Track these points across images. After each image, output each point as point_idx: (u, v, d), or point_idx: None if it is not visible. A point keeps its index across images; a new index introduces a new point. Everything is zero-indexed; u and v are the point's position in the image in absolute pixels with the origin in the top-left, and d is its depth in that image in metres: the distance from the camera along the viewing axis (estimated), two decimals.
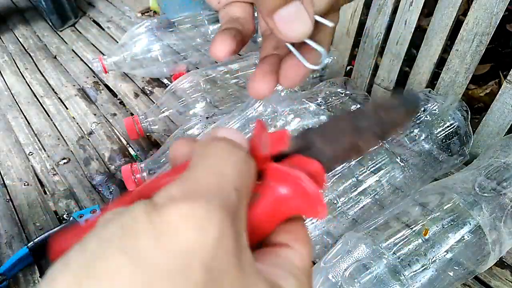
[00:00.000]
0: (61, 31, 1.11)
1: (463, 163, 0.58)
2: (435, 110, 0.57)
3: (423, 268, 0.40)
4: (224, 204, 0.12)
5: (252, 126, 0.54)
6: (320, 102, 0.64)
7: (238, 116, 0.58)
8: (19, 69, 0.96)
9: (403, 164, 0.52)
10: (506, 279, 0.50)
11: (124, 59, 0.83)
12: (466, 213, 0.43)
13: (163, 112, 0.69)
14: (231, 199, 0.12)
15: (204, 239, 0.11)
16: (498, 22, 0.56)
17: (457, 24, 0.61)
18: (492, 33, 0.57)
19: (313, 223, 0.47)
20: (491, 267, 0.50)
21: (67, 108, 0.84)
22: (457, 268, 0.41)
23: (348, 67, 0.82)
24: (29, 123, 0.80)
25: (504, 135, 0.60)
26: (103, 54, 0.93)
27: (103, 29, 1.10)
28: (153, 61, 0.83)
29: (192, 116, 0.68)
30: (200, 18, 0.87)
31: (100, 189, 0.65)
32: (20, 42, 1.07)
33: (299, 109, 0.52)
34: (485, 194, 0.45)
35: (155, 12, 1.13)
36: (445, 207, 0.44)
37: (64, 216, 0.61)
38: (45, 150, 0.73)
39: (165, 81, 0.88)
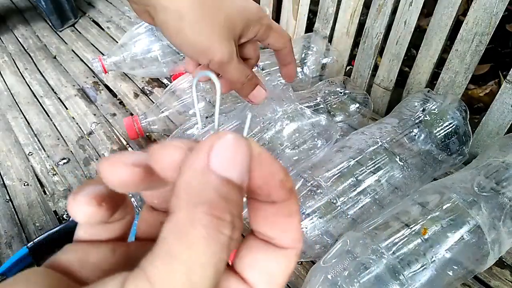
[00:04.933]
0: (60, 31, 1.11)
1: (463, 162, 0.58)
2: (434, 110, 0.57)
3: (422, 267, 0.40)
4: None
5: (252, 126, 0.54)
6: (319, 101, 0.64)
7: (236, 116, 0.58)
8: (18, 69, 0.96)
9: (402, 163, 0.52)
10: (506, 279, 0.50)
11: (124, 59, 0.83)
12: (465, 213, 0.43)
13: (163, 112, 0.69)
14: None
15: None
16: (498, 22, 0.56)
17: (457, 24, 0.61)
18: (492, 33, 0.57)
19: (313, 222, 0.47)
20: (490, 267, 0.50)
21: (66, 108, 0.84)
22: (456, 267, 0.41)
23: (348, 67, 0.82)
24: (28, 123, 0.80)
25: (504, 135, 0.60)
26: (103, 54, 0.93)
27: (103, 29, 1.10)
28: (153, 61, 0.83)
29: (192, 115, 0.68)
30: None
31: None
32: (20, 42, 1.07)
33: (294, 111, 0.53)
34: (484, 194, 0.45)
35: None
36: (444, 207, 0.44)
37: (64, 216, 0.61)
38: (44, 150, 0.73)
39: (165, 81, 0.88)
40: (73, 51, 1.02)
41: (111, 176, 0.15)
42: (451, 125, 0.56)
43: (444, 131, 0.55)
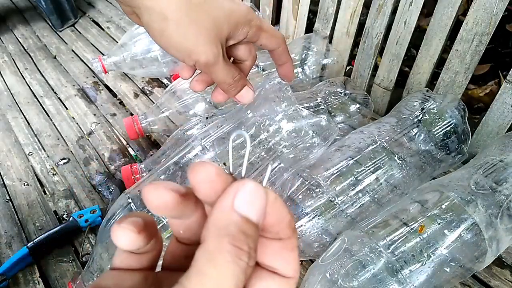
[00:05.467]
0: (60, 31, 1.11)
1: (462, 162, 0.58)
2: (433, 109, 0.57)
3: (420, 265, 0.40)
4: None
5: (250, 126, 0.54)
6: (320, 102, 0.64)
7: (236, 116, 0.58)
8: (18, 69, 0.96)
9: (401, 162, 0.52)
10: (506, 279, 0.50)
11: (124, 59, 0.83)
12: (462, 210, 0.43)
13: (163, 112, 0.69)
14: None
15: None
16: (497, 22, 0.56)
17: (457, 24, 0.61)
18: (492, 33, 0.57)
19: (311, 221, 0.47)
20: (490, 267, 0.50)
21: (66, 108, 0.84)
22: (453, 264, 0.41)
23: (348, 67, 0.82)
24: (28, 123, 0.80)
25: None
26: (103, 54, 0.93)
27: (103, 29, 1.10)
28: (153, 61, 0.83)
29: (192, 116, 0.68)
30: None
31: (100, 189, 0.65)
32: (20, 42, 1.08)
33: (292, 111, 0.53)
34: (481, 191, 0.45)
35: None
36: (441, 205, 0.44)
37: (64, 216, 0.61)
38: (44, 150, 0.73)
39: (165, 81, 0.88)
40: (73, 51, 1.02)
41: (154, 197, 0.17)
42: (449, 124, 0.56)
43: (443, 130, 0.55)
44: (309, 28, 0.86)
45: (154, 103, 0.81)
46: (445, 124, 0.56)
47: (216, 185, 0.17)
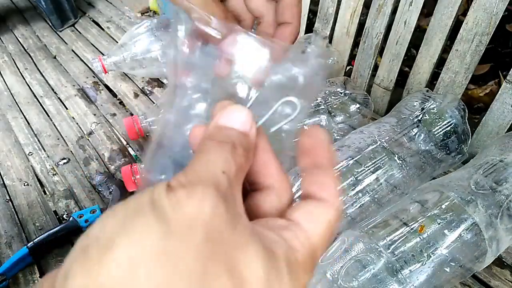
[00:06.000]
0: (60, 31, 1.11)
1: (462, 162, 0.58)
2: (433, 109, 0.57)
3: (420, 265, 0.40)
4: (215, 185, 0.17)
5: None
6: (320, 102, 0.64)
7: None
8: (18, 69, 0.96)
9: (401, 162, 0.52)
10: (506, 279, 0.50)
11: (124, 59, 0.83)
12: (462, 210, 0.43)
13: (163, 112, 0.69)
14: (221, 180, 0.17)
15: (202, 209, 0.16)
16: (498, 22, 0.56)
17: (457, 24, 0.61)
18: (492, 33, 0.57)
19: None
20: (490, 267, 0.50)
21: (66, 108, 0.84)
22: (453, 264, 0.41)
23: (348, 67, 0.82)
24: (28, 123, 0.80)
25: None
26: (103, 54, 0.93)
27: (103, 29, 1.10)
28: (153, 61, 0.83)
29: (193, 116, 0.68)
30: None
31: (99, 189, 0.65)
32: (20, 42, 1.08)
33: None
34: (481, 191, 0.45)
35: (154, 12, 1.13)
36: (441, 205, 0.44)
37: (64, 216, 0.61)
38: (44, 150, 0.73)
39: (165, 81, 0.88)
40: (73, 51, 1.02)
41: None
42: (449, 124, 0.56)
43: (443, 130, 0.55)
44: (309, 28, 0.86)
45: (154, 103, 0.81)
46: (445, 124, 0.56)
47: None
